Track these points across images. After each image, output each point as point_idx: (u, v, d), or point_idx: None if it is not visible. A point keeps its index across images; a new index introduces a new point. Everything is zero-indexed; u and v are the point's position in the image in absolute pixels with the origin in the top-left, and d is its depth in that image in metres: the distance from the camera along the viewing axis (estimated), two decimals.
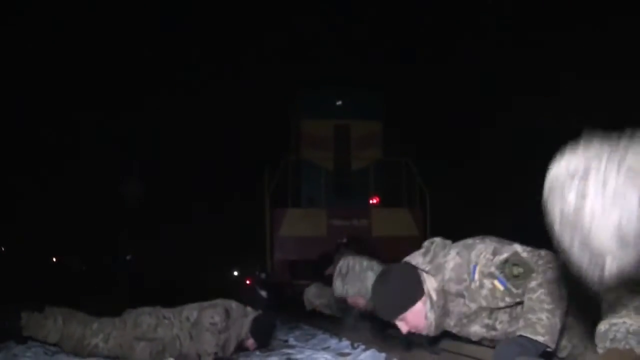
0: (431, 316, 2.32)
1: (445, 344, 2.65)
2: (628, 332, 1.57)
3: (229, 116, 16.15)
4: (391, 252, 5.30)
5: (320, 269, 6.06)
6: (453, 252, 2.29)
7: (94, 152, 16.61)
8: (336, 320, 5.43)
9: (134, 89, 16.59)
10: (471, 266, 2.20)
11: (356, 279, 3.44)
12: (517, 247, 2.16)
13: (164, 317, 3.92)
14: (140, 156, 16.55)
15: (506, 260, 2.13)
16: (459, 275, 2.24)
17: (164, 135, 17.00)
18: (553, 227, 1.21)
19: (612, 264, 1.14)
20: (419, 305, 2.31)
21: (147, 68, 16.22)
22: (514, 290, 2.13)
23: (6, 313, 3.83)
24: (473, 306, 2.25)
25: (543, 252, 2.12)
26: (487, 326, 2.30)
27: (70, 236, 16.97)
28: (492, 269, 2.15)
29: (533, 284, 2.07)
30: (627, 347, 1.56)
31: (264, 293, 9.33)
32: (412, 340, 3.08)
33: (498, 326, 2.28)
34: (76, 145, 16.38)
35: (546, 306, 2.02)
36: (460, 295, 2.27)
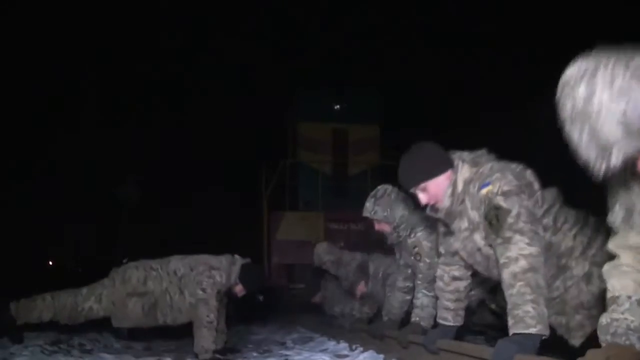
0: (447, 201, 2.40)
1: (443, 343, 2.65)
2: (629, 328, 1.58)
3: (225, 118, 16.13)
4: None
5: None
6: (492, 163, 2.36)
7: (89, 152, 16.54)
8: (334, 323, 5.44)
9: (131, 89, 16.58)
10: (486, 181, 2.28)
11: (388, 204, 3.50)
12: (521, 210, 2.17)
13: (152, 269, 3.96)
14: (135, 157, 16.53)
15: (499, 207, 2.19)
16: (479, 179, 2.32)
17: (161, 136, 16.96)
18: (564, 124, 1.29)
19: (618, 153, 1.21)
20: (442, 178, 2.41)
21: (143, 67, 16.19)
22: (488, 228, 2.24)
23: None
24: (472, 214, 2.34)
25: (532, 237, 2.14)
26: (485, 239, 2.34)
27: (65, 237, 16.92)
28: (488, 200, 2.23)
29: (504, 256, 2.13)
30: (627, 342, 1.56)
31: (260, 297, 9.30)
32: (410, 340, 3.08)
33: (491, 251, 2.33)
34: (72, 144, 16.31)
35: (528, 297, 2.05)
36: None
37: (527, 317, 2.03)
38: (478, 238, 2.37)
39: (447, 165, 2.42)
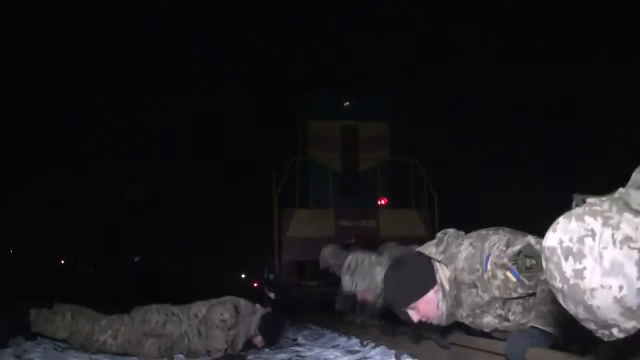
0: (443, 306, 2.33)
1: (456, 338, 2.62)
2: None
3: (236, 117, 16.17)
4: None
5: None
6: (466, 243, 2.29)
7: (103, 153, 16.66)
8: (344, 319, 5.43)
9: (140, 90, 16.65)
10: (484, 256, 2.19)
11: (365, 273, 3.44)
12: (531, 239, 2.13)
13: (173, 314, 3.93)
14: (148, 157, 16.60)
15: (519, 252, 2.10)
16: (472, 266, 2.23)
17: (173, 135, 17.03)
18: (556, 293, 1.19)
19: (619, 332, 1.12)
20: (431, 294, 2.32)
21: (152, 68, 16.25)
22: (527, 282, 2.11)
23: (15, 309, 3.84)
24: (486, 296, 2.24)
25: None
26: (499, 317, 2.28)
27: (78, 237, 17.03)
28: (505, 260, 2.13)
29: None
30: None
31: (272, 295, 9.33)
32: (422, 335, 3.06)
33: (511, 317, 2.26)
34: (86, 145, 16.42)
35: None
36: (473, 285, 2.26)
37: (551, 315, 2.00)
38: (490, 318, 2.31)
39: (431, 280, 2.33)
